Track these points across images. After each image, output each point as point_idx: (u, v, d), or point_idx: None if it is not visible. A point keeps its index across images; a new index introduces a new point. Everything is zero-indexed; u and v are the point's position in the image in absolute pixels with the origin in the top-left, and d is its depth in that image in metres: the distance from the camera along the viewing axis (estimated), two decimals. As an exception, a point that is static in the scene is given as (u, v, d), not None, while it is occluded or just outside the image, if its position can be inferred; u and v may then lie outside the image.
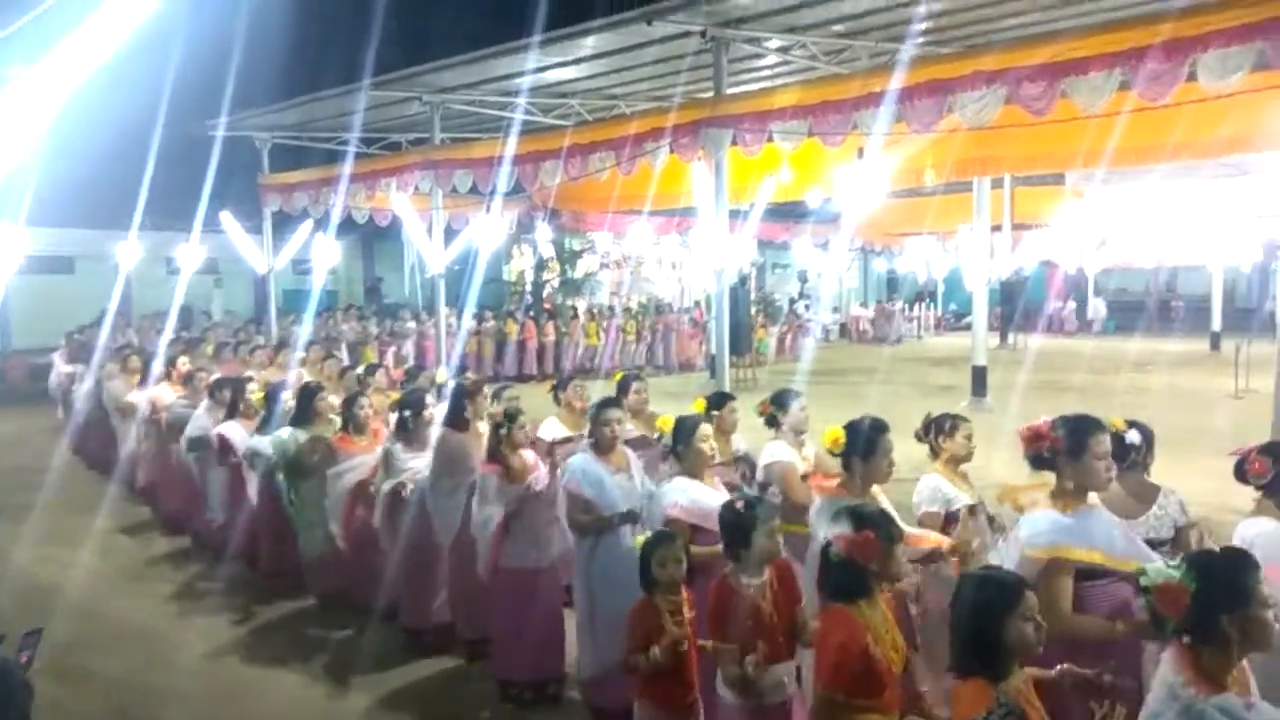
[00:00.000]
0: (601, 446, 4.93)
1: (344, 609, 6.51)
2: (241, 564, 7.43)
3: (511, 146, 12.07)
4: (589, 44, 11.37)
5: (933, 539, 4.13)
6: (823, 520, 3.69)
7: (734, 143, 9.93)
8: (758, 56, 11.71)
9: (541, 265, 24.54)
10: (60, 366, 13.45)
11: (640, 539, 3.84)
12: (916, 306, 35.34)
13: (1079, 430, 3.47)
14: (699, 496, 4.40)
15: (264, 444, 6.79)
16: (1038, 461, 3.54)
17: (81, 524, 8.80)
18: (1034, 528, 3.41)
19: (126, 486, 9.87)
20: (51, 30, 3.10)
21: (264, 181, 16.94)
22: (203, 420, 7.77)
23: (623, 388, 6.23)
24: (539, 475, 5.15)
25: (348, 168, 15.00)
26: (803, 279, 33.87)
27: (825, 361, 23.26)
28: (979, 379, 15.02)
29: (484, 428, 5.86)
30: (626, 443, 5.89)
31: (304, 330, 16.63)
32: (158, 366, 9.80)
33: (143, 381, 9.55)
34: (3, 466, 11.35)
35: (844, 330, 32.80)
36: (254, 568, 7.35)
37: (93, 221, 21.54)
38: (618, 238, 24.40)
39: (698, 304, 25.61)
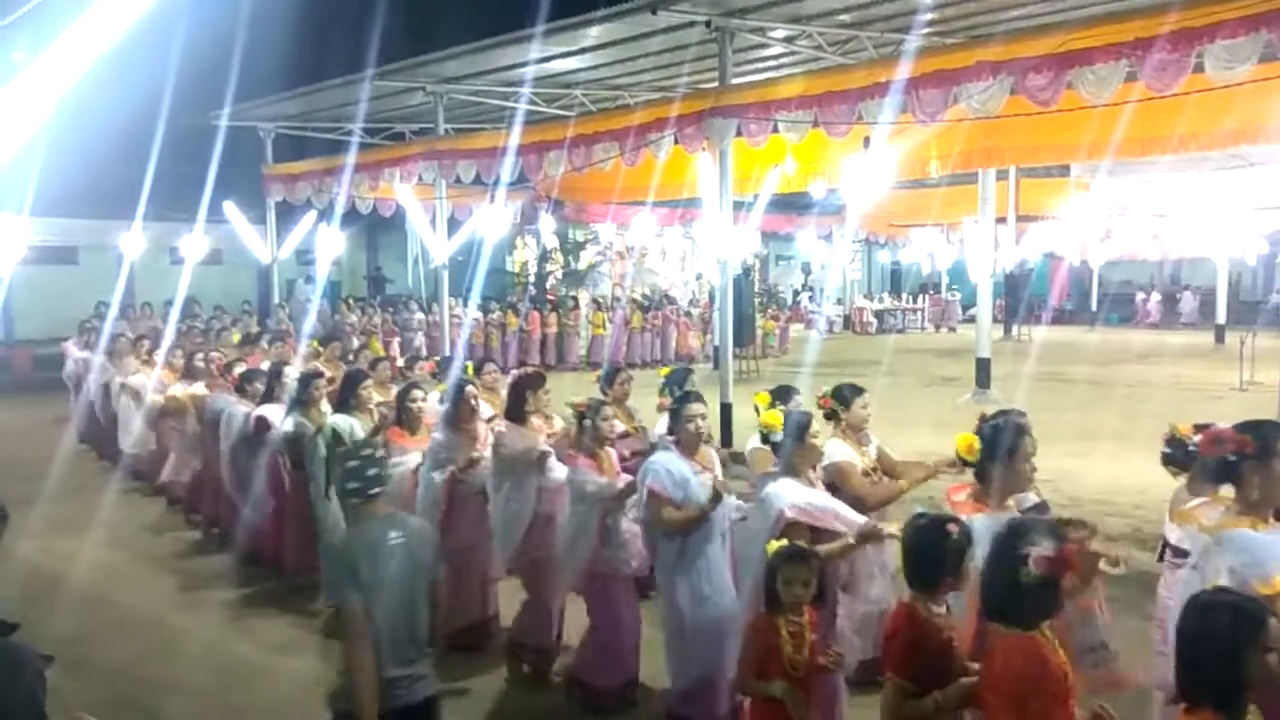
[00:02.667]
0: (685, 444, 4.58)
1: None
2: (253, 556, 7.34)
3: (515, 137, 12.06)
4: (593, 34, 11.34)
5: None
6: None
7: (739, 133, 9.90)
8: (763, 46, 11.68)
9: (545, 256, 24.53)
10: (75, 354, 13.26)
11: (771, 547, 3.54)
12: (921, 298, 35.33)
13: (1267, 434, 3.13)
14: (813, 497, 4.12)
15: (307, 426, 6.55)
16: (1220, 470, 3.23)
17: (87, 514, 8.81)
18: (1250, 554, 2.99)
19: (133, 477, 9.91)
20: (54, 18, 3.09)
21: (268, 171, 16.94)
22: (240, 417, 7.40)
23: (675, 382, 6.02)
24: (621, 476, 4.95)
25: (351, 158, 15.00)
26: (806, 270, 33.85)
27: (830, 353, 23.22)
28: (983, 371, 14.99)
29: (537, 421, 5.68)
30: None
31: (309, 320, 16.67)
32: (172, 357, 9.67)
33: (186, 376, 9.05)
34: (8, 457, 11.36)
35: (848, 322, 32.79)
36: (280, 567, 7.08)
37: (96, 212, 21.56)
38: (621, 228, 24.37)
39: (710, 297, 25.56)
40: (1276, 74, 7.10)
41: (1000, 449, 3.61)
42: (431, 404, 6.62)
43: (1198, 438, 3.64)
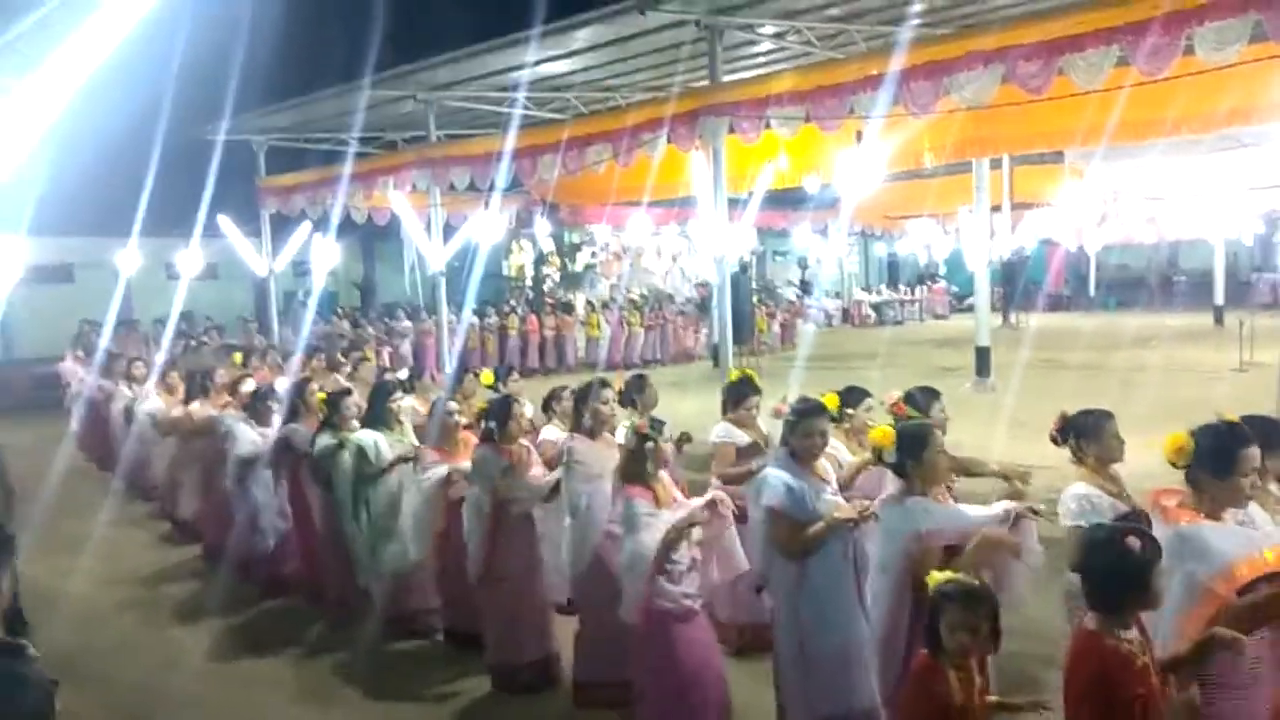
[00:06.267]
0: (803, 458, 4.18)
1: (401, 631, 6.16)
2: (277, 585, 7.14)
3: (508, 141, 12.05)
4: (583, 36, 11.34)
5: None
6: (1189, 555, 3.05)
7: (731, 130, 9.90)
8: (752, 44, 11.68)
9: (541, 260, 24.52)
10: (88, 378, 12.65)
11: (933, 579, 3.14)
12: (920, 289, 35.49)
13: None
14: (950, 514, 3.76)
15: (330, 444, 6.26)
16: None
17: (88, 532, 8.80)
18: None
19: (138, 496, 9.89)
20: (44, 40, 3.09)
21: (261, 184, 16.94)
22: (251, 436, 7.14)
23: (736, 396, 5.61)
24: (680, 501, 4.53)
25: (345, 168, 14.99)
26: (803, 265, 33.88)
27: (828, 346, 23.24)
28: (983, 359, 15.00)
29: (608, 435, 5.27)
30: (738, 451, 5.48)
31: (303, 333, 16.68)
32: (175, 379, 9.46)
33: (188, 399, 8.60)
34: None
35: (846, 315, 32.83)
36: (318, 600, 6.72)
37: (91, 229, 21.50)
38: (617, 229, 24.39)
39: (704, 284, 25.45)
40: (1267, 55, 7.10)
41: (1218, 461, 3.21)
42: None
43: None
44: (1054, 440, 4.15)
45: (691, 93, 10.70)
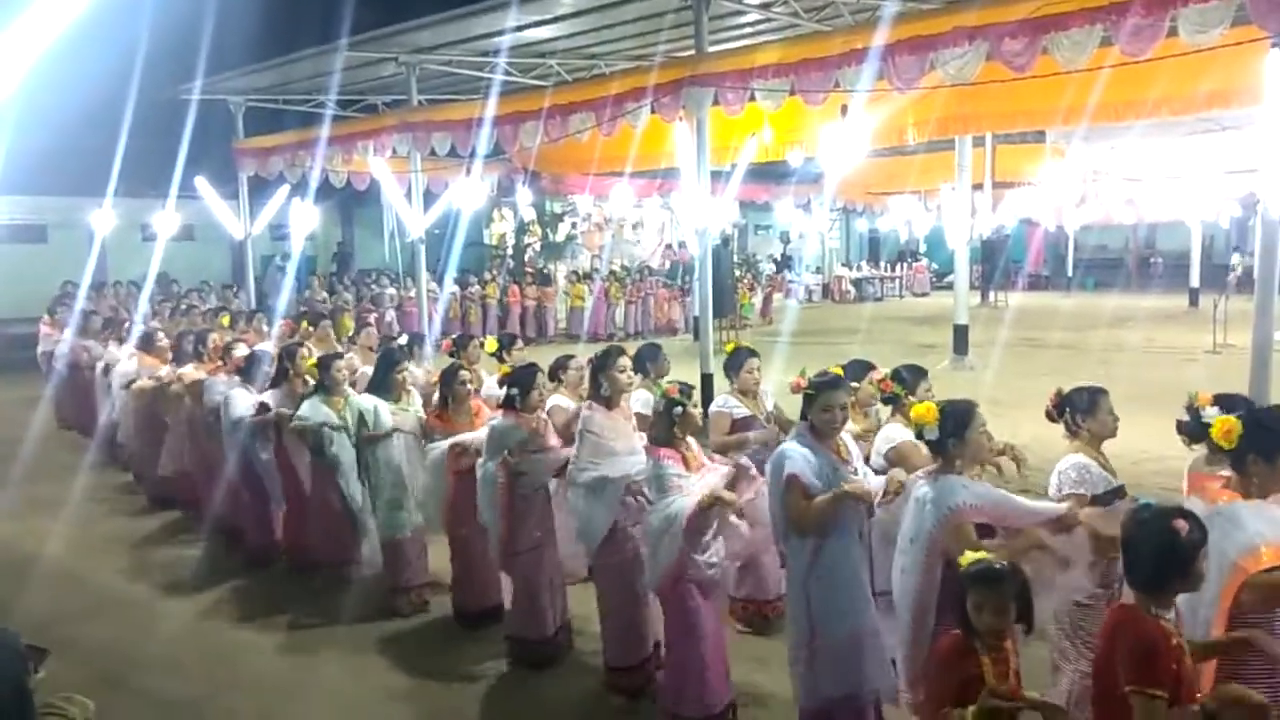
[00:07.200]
0: (822, 433, 4.06)
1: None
2: (263, 551, 7.07)
3: (490, 108, 11.93)
4: (567, 1, 11.22)
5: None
6: (1224, 534, 3.07)
7: (715, 102, 9.86)
8: (739, 14, 11.60)
9: (522, 229, 24.39)
10: (68, 339, 12.51)
11: (965, 559, 3.09)
12: (900, 265, 35.64)
13: None
14: (987, 492, 3.71)
15: (323, 413, 6.21)
16: None
17: (63, 494, 8.75)
18: None
19: (113, 461, 9.82)
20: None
21: (239, 146, 16.71)
22: (249, 401, 6.91)
23: (736, 364, 5.57)
24: (708, 466, 4.48)
25: (324, 131, 14.80)
26: (785, 240, 33.89)
27: (809, 322, 23.32)
28: (961, 337, 15.11)
29: (624, 403, 5.15)
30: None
31: (283, 298, 16.54)
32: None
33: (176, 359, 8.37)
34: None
35: (826, 291, 32.92)
36: (305, 567, 6.67)
37: (65, 189, 21.19)
38: (599, 200, 24.28)
39: (683, 244, 25.35)
40: (1249, 38, 7.12)
41: (1267, 444, 3.26)
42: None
43: (1213, 409, 3.49)
44: (1049, 416, 4.17)
45: (676, 62, 10.62)
